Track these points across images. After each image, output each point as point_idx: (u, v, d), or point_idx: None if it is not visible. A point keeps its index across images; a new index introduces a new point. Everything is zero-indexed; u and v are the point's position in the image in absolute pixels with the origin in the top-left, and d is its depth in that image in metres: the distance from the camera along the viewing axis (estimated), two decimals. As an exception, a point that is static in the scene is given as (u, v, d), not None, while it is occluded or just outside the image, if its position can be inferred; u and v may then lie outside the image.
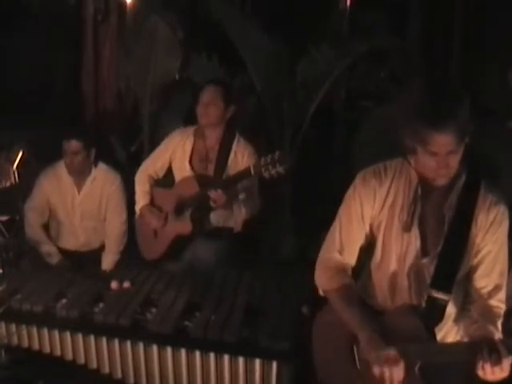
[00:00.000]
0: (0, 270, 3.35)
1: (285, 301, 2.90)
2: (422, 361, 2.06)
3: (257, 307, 2.84)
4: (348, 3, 5.39)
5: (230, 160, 3.45)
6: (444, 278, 2.15)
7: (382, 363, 2.00)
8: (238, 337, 2.61)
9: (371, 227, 2.26)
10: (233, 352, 2.59)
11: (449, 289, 2.15)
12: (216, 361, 2.61)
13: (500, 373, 1.94)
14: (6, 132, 4.11)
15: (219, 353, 2.60)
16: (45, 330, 2.92)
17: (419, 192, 2.17)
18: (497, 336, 2.09)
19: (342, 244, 2.28)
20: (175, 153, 3.60)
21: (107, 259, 3.95)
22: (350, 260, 2.31)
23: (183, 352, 2.66)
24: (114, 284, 3.09)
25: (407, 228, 2.18)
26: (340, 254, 2.28)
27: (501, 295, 2.17)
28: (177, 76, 5.28)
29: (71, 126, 4.01)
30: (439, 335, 2.21)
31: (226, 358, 2.59)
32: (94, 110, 5.31)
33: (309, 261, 2.46)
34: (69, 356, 2.89)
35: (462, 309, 2.23)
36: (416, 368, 2.06)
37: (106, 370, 2.83)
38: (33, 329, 2.94)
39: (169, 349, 2.68)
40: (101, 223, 4.01)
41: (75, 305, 2.94)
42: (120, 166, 4.22)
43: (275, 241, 5.00)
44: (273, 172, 3.03)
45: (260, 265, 4.26)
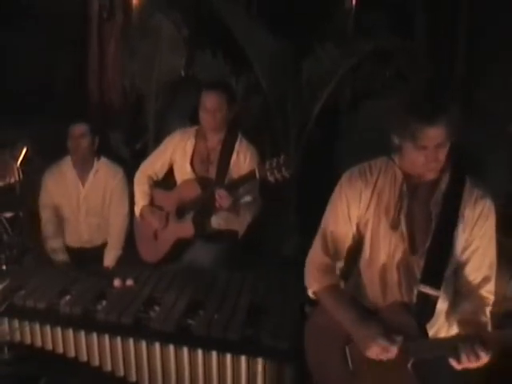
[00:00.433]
0: (3, 267, 3.35)
1: (288, 300, 2.89)
2: (415, 357, 2.08)
3: (260, 306, 2.84)
4: (354, 3, 5.38)
5: (233, 161, 3.40)
6: (433, 274, 2.18)
7: (376, 349, 2.07)
8: (241, 335, 2.61)
9: (358, 226, 2.29)
10: (235, 351, 2.59)
11: (438, 284, 2.17)
12: (218, 359, 2.60)
13: (476, 362, 1.97)
14: (9, 129, 4.12)
15: (222, 351, 2.60)
16: (48, 327, 2.92)
17: (405, 189, 2.20)
18: (486, 323, 2.13)
19: (330, 244, 2.31)
20: (175, 154, 3.55)
21: (110, 255, 3.95)
22: (338, 260, 2.33)
23: (185, 350, 2.65)
24: (117, 282, 3.09)
25: (394, 225, 2.21)
26: (328, 255, 2.31)
27: (490, 286, 2.20)
28: (182, 73, 5.28)
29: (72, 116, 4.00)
30: (431, 332, 2.22)
31: (229, 357, 2.59)
32: (99, 107, 5.31)
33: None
34: (71, 353, 2.89)
35: (453, 304, 2.24)
36: (409, 364, 2.08)
37: (109, 368, 2.83)
38: (36, 325, 2.94)
39: (171, 347, 2.68)
40: (104, 220, 4.02)
41: (78, 302, 2.94)
42: (124, 163, 4.21)
43: (278, 240, 4.99)
44: (278, 176, 2.99)
45: (263, 264, 4.24)
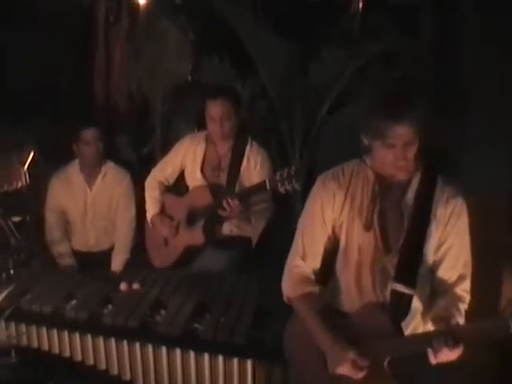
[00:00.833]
0: (11, 271, 3.36)
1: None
2: (391, 355, 2.08)
3: (266, 310, 2.84)
4: (360, 5, 5.36)
5: (243, 167, 3.36)
6: (407, 272, 2.17)
7: (346, 368, 2.07)
8: (247, 339, 2.60)
9: (333, 229, 2.29)
10: (241, 354, 2.58)
11: (412, 282, 2.16)
12: (225, 363, 2.60)
13: (449, 356, 1.97)
14: (15, 133, 4.13)
15: (228, 355, 2.59)
16: (54, 331, 2.93)
17: (377, 190, 2.21)
18: (459, 320, 2.12)
19: (306, 249, 2.31)
20: (186, 159, 3.51)
21: (117, 259, 3.93)
22: (314, 265, 2.32)
23: (192, 354, 2.65)
24: (124, 285, 3.10)
25: (368, 226, 2.21)
26: (303, 260, 2.31)
27: (465, 285, 2.20)
28: (189, 78, 5.27)
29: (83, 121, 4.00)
30: (408, 331, 2.21)
31: (235, 361, 2.58)
32: (105, 111, 5.31)
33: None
34: (78, 357, 2.90)
35: (429, 303, 2.23)
36: (385, 363, 2.08)
37: (115, 372, 2.83)
38: (42, 329, 2.96)
39: (178, 351, 2.68)
40: (111, 223, 4.01)
41: (85, 306, 2.95)
42: (130, 167, 4.21)
43: (284, 243, 4.97)
44: (288, 187, 2.93)
45: (269, 267, 4.23)
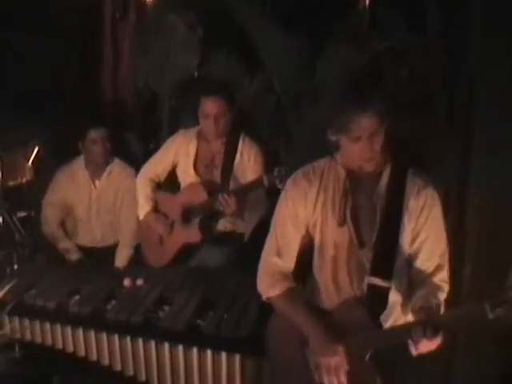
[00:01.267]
0: (15, 266, 3.37)
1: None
2: (371, 349, 2.08)
3: (270, 306, 2.82)
4: (367, 2, 5.32)
5: (237, 162, 3.35)
6: (382, 266, 2.17)
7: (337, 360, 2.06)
8: (250, 335, 2.59)
9: (308, 228, 2.29)
10: (244, 350, 2.57)
11: (388, 275, 2.17)
12: (228, 359, 2.59)
13: (429, 346, 1.96)
14: (21, 129, 4.14)
15: (231, 351, 2.59)
16: (58, 326, 2.93)
17: (348, 185, 2.22)
18: (438, 307, 2.12)
19: (280, 248, 2.31)
20: (178, 155, 3.49)
21: (121, 254, 3.92)
22: (289, 263, 2.33)
23: (195, 350, 2.64)
24: (127, 281, 3.09)
25: (341, 222, 2.21)
26: (279, 258, 2.31)
27: (442, 274, 2.20)
28: (195, 73, 5.27)
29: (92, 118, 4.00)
30: (388, 323, 2.21)
31: (238, 357, 2.58)
32: (112, 106, 5.31)
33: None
34: (81, 352, 2.90)
35: (408, 295, 2.23)
36: (366, 357, 2.08)
37: (118, 367, 2.83)
38: (46, 324, 2.96)
39: (181, 347, 2.67)
40: (116, 218, 4.00)
41: (88, 301, 2.95)
42: (137, 162, 4.20)
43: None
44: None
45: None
